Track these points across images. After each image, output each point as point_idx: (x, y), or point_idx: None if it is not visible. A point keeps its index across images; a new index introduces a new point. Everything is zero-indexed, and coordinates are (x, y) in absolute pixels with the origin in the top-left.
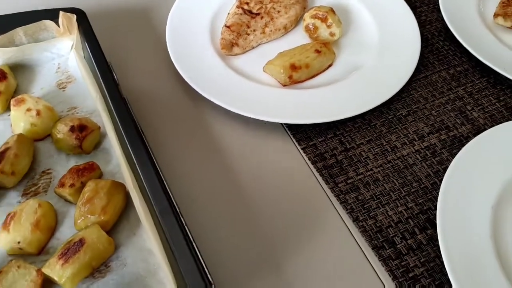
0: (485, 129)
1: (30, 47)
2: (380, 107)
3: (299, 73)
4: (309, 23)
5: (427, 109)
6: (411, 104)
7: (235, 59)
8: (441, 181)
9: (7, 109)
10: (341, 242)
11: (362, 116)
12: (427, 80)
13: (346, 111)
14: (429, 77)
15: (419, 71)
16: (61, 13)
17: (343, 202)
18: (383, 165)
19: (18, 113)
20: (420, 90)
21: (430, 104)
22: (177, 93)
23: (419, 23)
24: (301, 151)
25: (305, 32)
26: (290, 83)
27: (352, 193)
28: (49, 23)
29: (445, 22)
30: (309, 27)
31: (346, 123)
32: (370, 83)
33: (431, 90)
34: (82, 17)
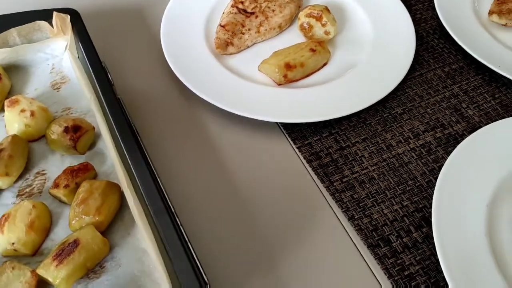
0: (480, 127)
1: (24, 47)
2: (375, 106)
3: (294, 72)
4: (304, 22)
5: (422, 107)
6: (406, 102)
7: (230, 59)
8: (437, 179)
9: (1, 110)
10: (336, 240)
11: (357, 114)
12: (422, 78)
13: (341, 110)
14: (424, 75)
15: (414, 69)
16: (54, 13)
17: (338, 200)
18: (378, 164)
19: (12, 114)
20: (415, 88)
21: (425, 102)
22: (172, 93)
23: (414, 21)
24: (297, 150)
25: (300, 31)
26: (285, 82)
27: (347, 191)
28: (43, 23)
29: (440, 20)
30: (304, 26)
31: (341, 122)
32: (365, 82)
33: (426, 88)
34: (76, 17)
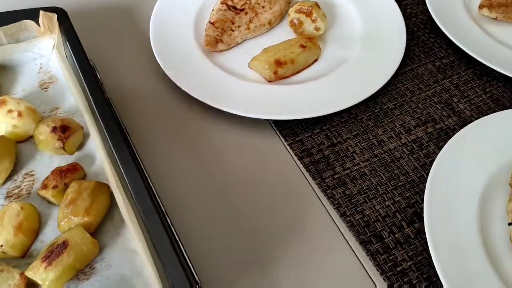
0: (472, 121)
1: (10, 47)
2: (366, 101)
3: (284, 69)
4: (294, 18)
5: (414, 102)
6: (397, 97)
7: (220, 56)
8: (428, 174)
9: None
10: (328, 237)
11: (348, 110)
12: (413, 73)
13: (332, 106)
14: (415, 70)
15: (405, 64)
16: (41, 12)
17: (330, 197)
18: (370, 159)
19: None
20: (406, 83)
21: (416, 97)
22: (162, 91)
23: (405, 16)
24: (288, 147)
25: (290, 27)
26: (275, 79)
27: (339, 188)
28: (30, 23)
29: (430, 14)
30: (294, 22)
31: (332, 118)
32: (356, 77)
33: (417, 83)
34: (63, 16)
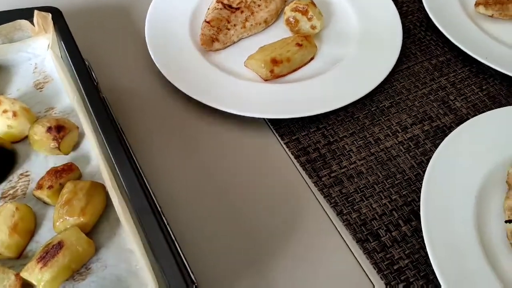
0: (468, 119)
1: (4, 47)
2: (362, 99)
3: (280, 67)
4: (290, 16)
5: (410, 100)
6: (394, 95)
7: (216, 55)
8: (425, 172)
9: None
10: (325, 236)
11: (344, 109)
12: (409, 71)
13: (328, 104)
14: (411, 68)
15: (402, 62)
16: (36, 12)
17: (327, 196)
18: (366, 158)
19: None
20: (402, 81)
21: (413, 95)
22: (158, 90)
23: (401, 14)
24: (284, 145)
25: (286, 25)
26: (271, 78)
27: (335, 186)
28: (24, 22)
29: (426, 12)
30: (290, 20)
31: (329, 116)
32: (352, 75)
33: (413, 81)
34: (57, 15)
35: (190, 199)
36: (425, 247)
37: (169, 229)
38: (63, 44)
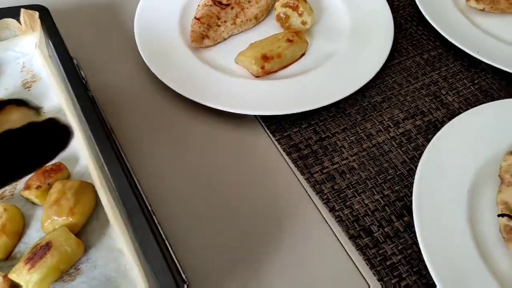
0: (460, 113)
1: None
2: (354, 95)
3: (271, 64)
4: (280, 12)
5: (402, 95)
6: (385, 90)
7: (206, 52)
8: (417, 167)
9: None
10: (318, 233)
11: (336, 104)
12: (401, 66)
13: (320, 100)
14: (403, 62)
15: (393, 57)
16: (22, 10)
17: (319, 192)
18: (358, 153)
19: None
20: (394, 76)
21: (404, 90)
22: (148, 88)
23: (392, 9)
24: (276, 142)
25: (277, 21)
26: (262, 74)
27: (327, 183)
28: (11, 21)
29: (417, 6)
30: (281, 16)
31: (320, 112)
32: (343, 71)
33: (405, 75)
34: (45, 13)
35: (180, 197)
36: (418, 242)
37: (159, 228)
38: (50, 42)
